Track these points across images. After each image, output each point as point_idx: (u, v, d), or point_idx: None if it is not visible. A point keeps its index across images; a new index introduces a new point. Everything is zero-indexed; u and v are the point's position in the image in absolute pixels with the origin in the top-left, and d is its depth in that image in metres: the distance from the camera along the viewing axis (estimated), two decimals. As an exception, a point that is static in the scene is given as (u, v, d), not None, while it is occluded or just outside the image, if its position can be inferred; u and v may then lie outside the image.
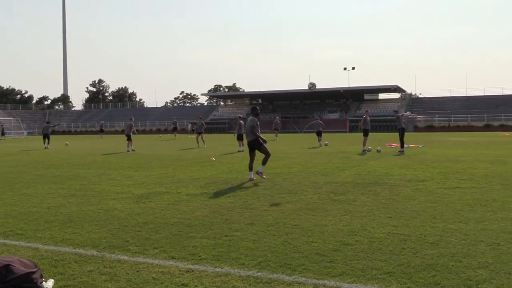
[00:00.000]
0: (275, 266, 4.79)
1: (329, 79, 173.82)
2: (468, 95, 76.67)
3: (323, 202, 8.41)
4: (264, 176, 11.78)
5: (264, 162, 11.94)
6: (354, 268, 4.67)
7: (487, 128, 61.81)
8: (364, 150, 21.81)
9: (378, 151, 21.10)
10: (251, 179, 11.66)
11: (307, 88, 77.80)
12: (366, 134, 22.93)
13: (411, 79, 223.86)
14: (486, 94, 74.92)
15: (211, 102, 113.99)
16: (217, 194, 9.50)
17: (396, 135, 24.52)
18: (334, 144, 30.00)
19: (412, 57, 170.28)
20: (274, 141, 33.79)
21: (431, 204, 7.98)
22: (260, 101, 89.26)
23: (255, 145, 11.95)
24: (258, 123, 12.08)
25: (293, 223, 6.68)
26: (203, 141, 29.13)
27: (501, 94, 74.24)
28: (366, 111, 24.33)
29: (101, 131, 60.59)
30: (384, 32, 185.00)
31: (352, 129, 66.02)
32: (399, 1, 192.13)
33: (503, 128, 60.47)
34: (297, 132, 61.90)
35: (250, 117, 12.09)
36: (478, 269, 4.58)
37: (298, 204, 8.25)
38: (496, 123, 63.04)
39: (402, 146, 21.37)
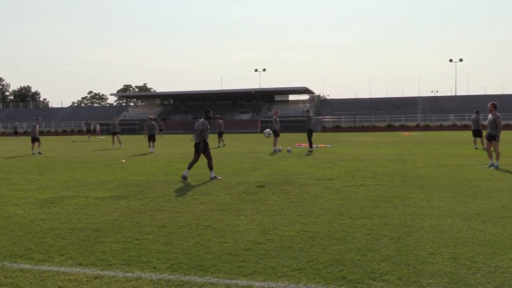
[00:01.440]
0: (188, 268, 4.75)
1: (241, 81, 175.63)
2: (371, 97, 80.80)
3: (235, 202, 8.47)
4: (219, 177, 12.01)
5: (211, 167, 12.15)
6: (265, 266, 4.75)
7: (389, 128, 65.55)
8: (275, 150, 22.25)
9: (288, 151, 21.59)
10: (184, 177, 11.83)
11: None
12: (276, 135, 23.41)
13: (319, 81, 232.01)
14: (388, 96, 79.38)
15: (120, 103, 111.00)
16: (127, 197, 9.25)
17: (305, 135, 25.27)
18: (245, 144, 30.32)
19: (320, 59, 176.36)
20: (192, 141, 33.60)
21: (338, 202, 8.30)
22: (171, 101, 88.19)
23: (199, 148, 12.12)
24: (208, 126, 12.40)
25: (205, 224, 6.67)
26: (119, 142, 29.05)
27: (401, 96, 79.03)
28: (276, 111, 24.84)
29: (16, 133, 57.00)
30: (294, 35, 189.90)
31: (264, 130, 67.15)
32: (307, 4, 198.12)
33: (403, 128, 64.43)
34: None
35: (202, 120, 12.40)
36: (381, 262, 4.83)
37: (210, 204, 8.25)
38: (397, 124, 67.06)
39: (311, 146, 22.08)
